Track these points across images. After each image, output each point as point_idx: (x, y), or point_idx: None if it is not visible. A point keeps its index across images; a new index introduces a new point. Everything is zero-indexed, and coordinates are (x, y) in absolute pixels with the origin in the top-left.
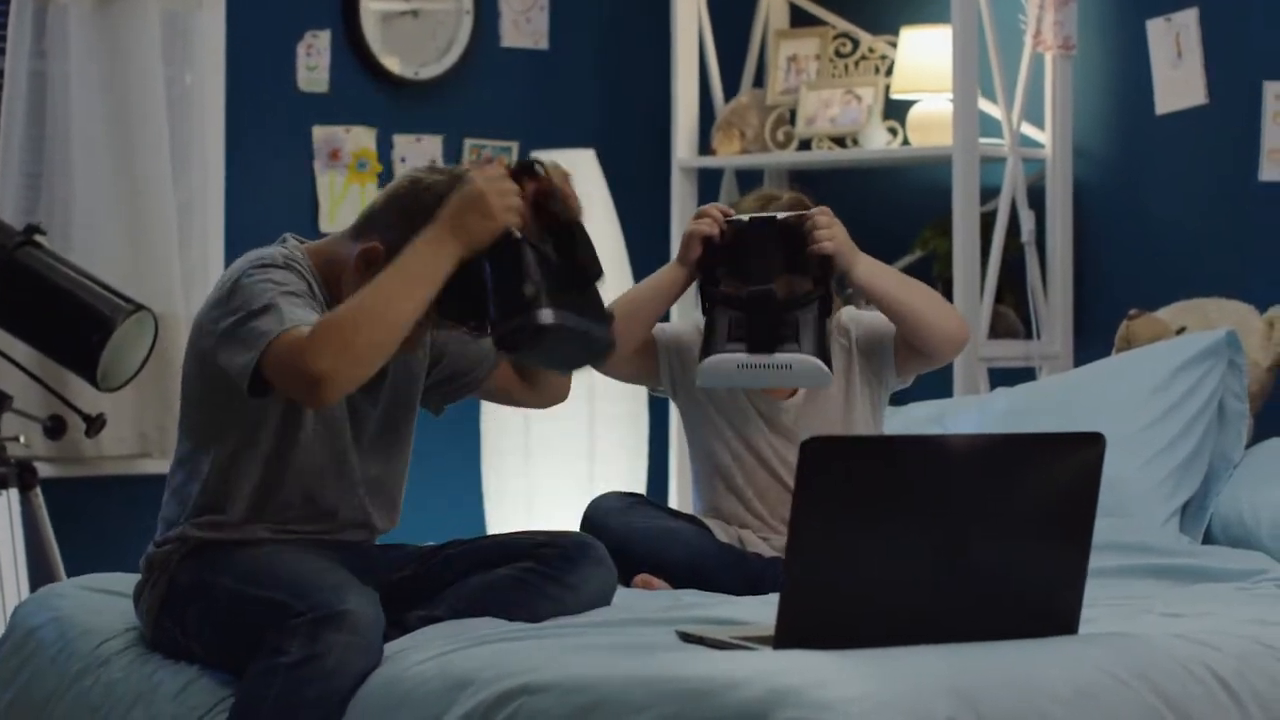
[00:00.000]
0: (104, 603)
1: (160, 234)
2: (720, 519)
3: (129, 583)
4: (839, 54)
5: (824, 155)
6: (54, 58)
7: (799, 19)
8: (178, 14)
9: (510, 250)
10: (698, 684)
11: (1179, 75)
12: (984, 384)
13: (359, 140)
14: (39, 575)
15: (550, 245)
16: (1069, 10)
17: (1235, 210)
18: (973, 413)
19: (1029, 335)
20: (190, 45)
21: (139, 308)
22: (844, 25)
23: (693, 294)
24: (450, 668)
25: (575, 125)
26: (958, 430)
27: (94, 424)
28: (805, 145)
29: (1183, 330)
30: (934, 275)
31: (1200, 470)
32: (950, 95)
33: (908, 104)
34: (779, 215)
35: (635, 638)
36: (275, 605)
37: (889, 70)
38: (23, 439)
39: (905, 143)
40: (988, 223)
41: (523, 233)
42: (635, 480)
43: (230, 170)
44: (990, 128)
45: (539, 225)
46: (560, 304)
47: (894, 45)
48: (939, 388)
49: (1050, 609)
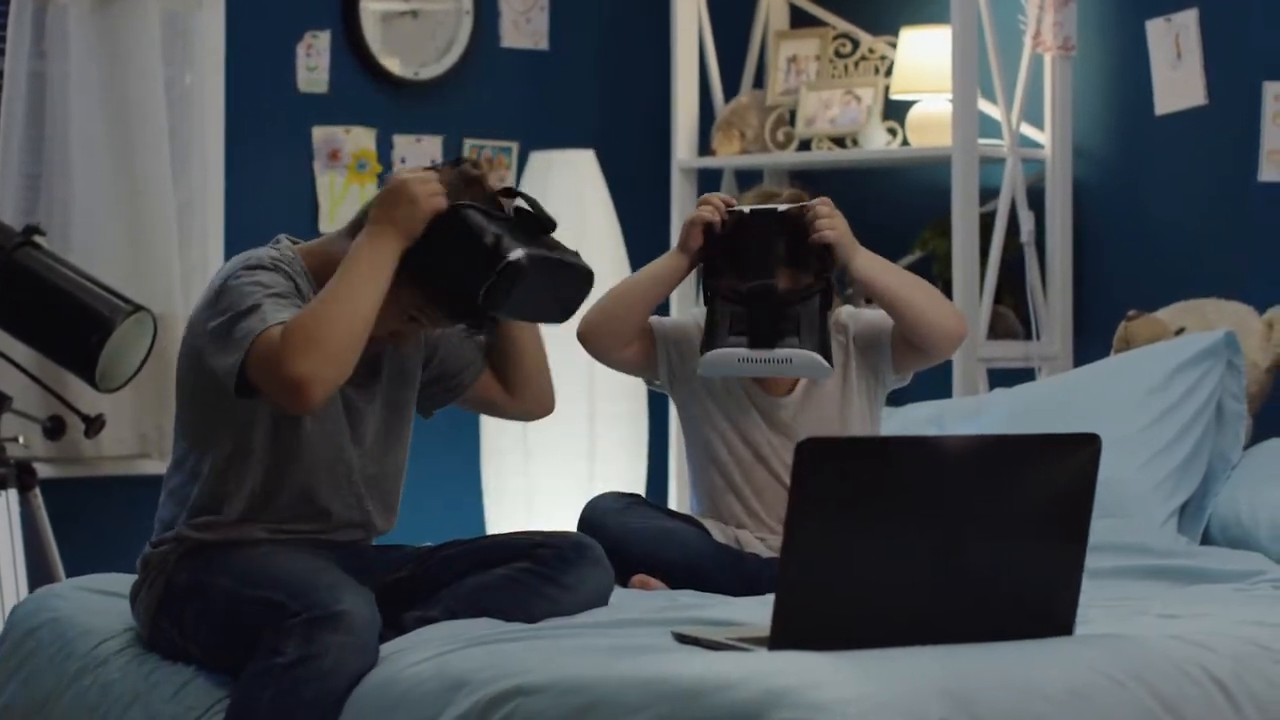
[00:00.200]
0: (102, 603)
1: (160, 234)
2: (717, 519)
3: (127, 583)
4: (839, 54)
5: (824, 156)
6: (53, 58)
7: (799, 19)
8: (177, 14)
9: (453, 222)
10: (692, 685)
11: (1178, 76)
12: (983, 384)
13: (359, 141)
14: (38, 576)
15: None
16: (1068, 11)
17: (1235, 211)
18: (971, 414)
19: (1028, 336)
20: (190, 45)
21: (138, 308)
22: (844, 26)
23: (692, 287)
24: (446, 668)
25: (575, 125)
26: (956, 431)
27: (93, 424)
28: (805, 146)
29: (1181, 331)
30: (933, 275)
31: (1199, 471)
32: (950, 96)
33: (907, 104)
34: (780, 206)
35: (631, 638)
36: (271, 606)
37: (889, 71)
38: (22, 439)
39: (905, 143)
40: (987, 223)
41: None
42: (635, 480)
43: (230, 170)
44: (990, 128)
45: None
46: (526, 244)
47: (894, 46)
48: (938, 388)
49: (1046, 610)
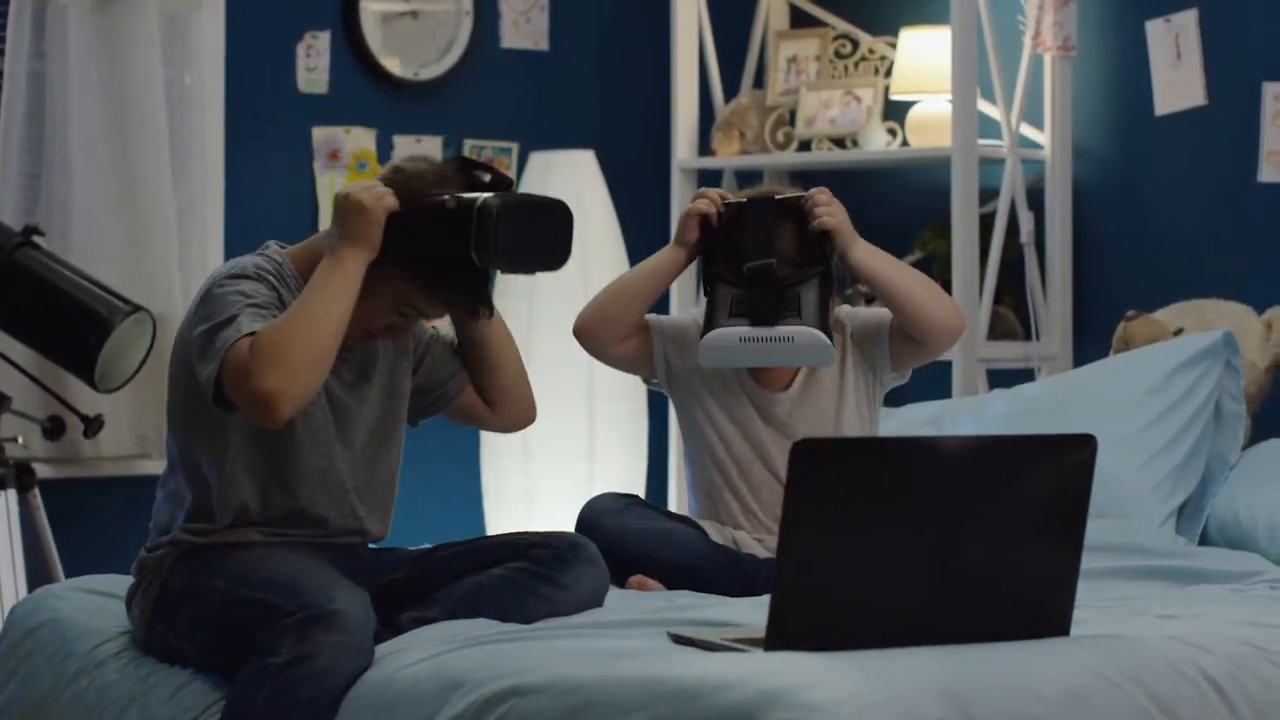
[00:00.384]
0: (100, 604)
1: (160, 235)
2: (715, 519)
3: (125, 584)
4: (839, 55)
5: (823, 156)
6: (53, 58)
7: (799, 20)
8: (177, 14)
9: (412, 215)
10: (688, 686)
11: (1178, 76)
12: (983, 385)
13: (359, 141)
14: (37, 576)
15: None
16: (1068, 11)
17: (1234, 212)
18: (969, 414)
19: (1028, 336)
20: (190, 46)
21: (137, 309)
22: (844, 26)
23: (693, 290)
24: (442, 669)
25: (575, 126)
26: (955, 431)
27: (92, 425)
28: (805, 146)
29: (1180, 331)
30: (933, 276)
31: (1197, 471)
32: (949, 96)
33: (907, 105)
34: (778, 195)
35: (627, 639)
36: (266, 607)
37: (888, 71)
38: (21, 440)
39: (904, 144)
40: (987, 224)
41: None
42: (634, 481)
43: (230, 171)
44: (989, 129)
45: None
46: (497, 195)
47: (893, 46)
48: (938, 389)
49: (1042, 610)
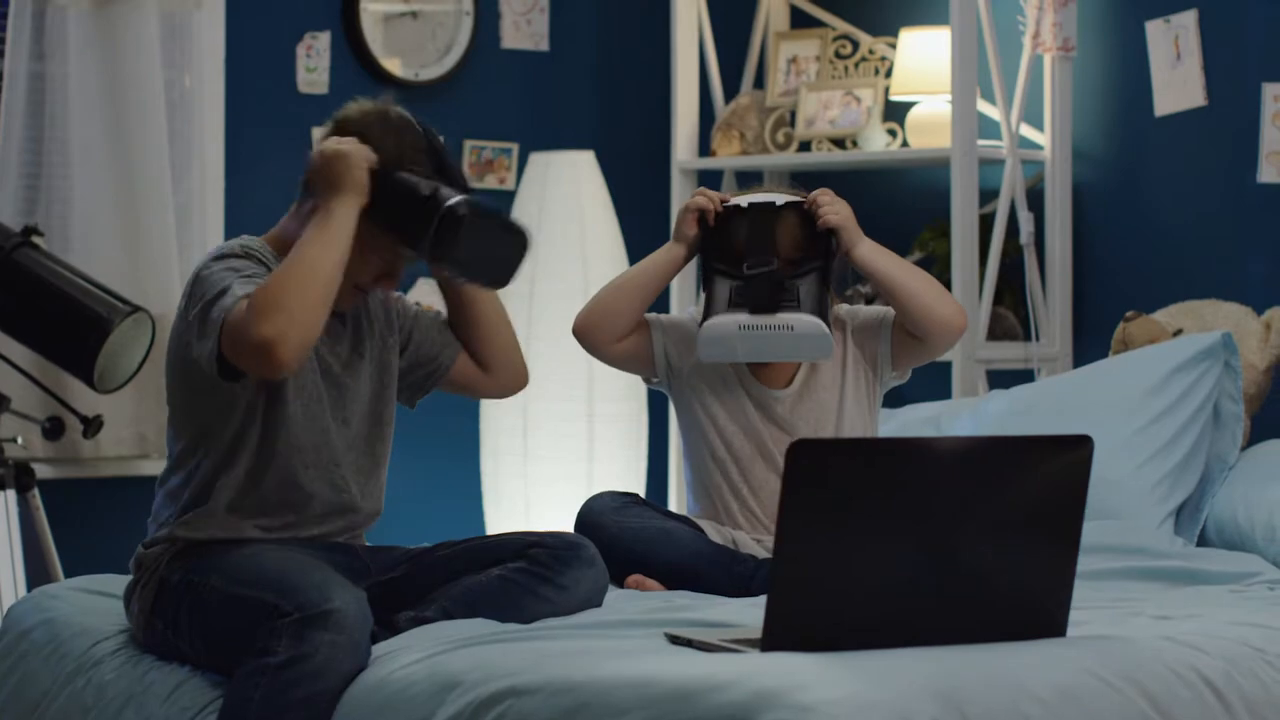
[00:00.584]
0: (97, 604)
1: (159, 235)
2: (714, 519)
3: (122, 584)
4: (839, 55)
5: (823, 157)
6: (53, 59)
7: (799, 20)
8: (177, 15)
9: (386, 184)
10: (683, 686)
11: (1178, 77)
12: (983, 386)
13: None
14: (37, 576)
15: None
16: (1068, 12)
17: (1234, 212)
18: (968, 414)
19: (1028, 337)
20: (190, 46)
21: (136, 309)
22: (844, 27)
23: (693, 288)
24: (438, 669)
25: (575, 127)
26: (953, 432)
27: (92, 425)
28: (805, 147)
29: (1179, 332)
30: (933, 276)
31: (1195, 472)
32: (949, 97)
33: (907, 106)
34: (779, 199)
35: (623, 640)
36: (263, 605)
37: (888, 72)
38: (20, 440)
39: (904, 144)
40: (986, 225)
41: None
42: (634, 481)
43: (230, 171)
44: (989, 129)
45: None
46: (463, 195)
47: (893, 47)
48: (938, 390)
49: (1038, 611)
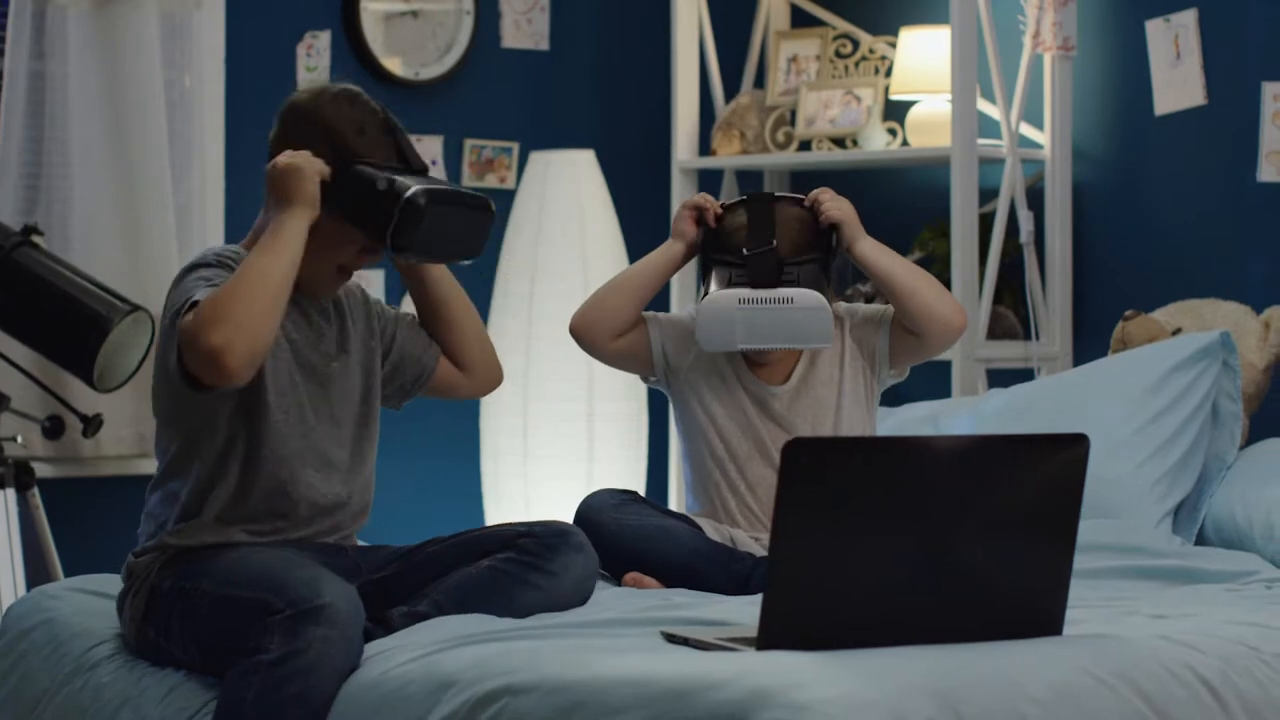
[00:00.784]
0: (96, 605)
1: (160, 234)
2: (713, 517)
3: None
4: (839, 55)
5: (824, 156)
6: (53, 58)
7: (799, 20)
8: (177, 15)
9: (344, 179)
10: (679, 685)
11: (1178, 76)
12: (982, 385)
13: None
14: (36, 575)
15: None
16: (1068, 11)
17: (1234, 211)
18: (966, 413)
19: (1028, 336)
20: (190, 46)
21: (135, 308)
22: (844, 26)
23: (693, 286)
24: (433, 669)
25: (575, 126)
26: (951, 430)
27: (91, 424)
28: (805, 146)
29: (1178, 331)
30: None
31: (1194, 471)
32: (949, 96)
33: (907, 105)
34: (778, 194)
35: (619, 638)
36: (255, 604)
37: (889, 71)
38: (20, 439)
39: (904, 144)
40: (986, 224)
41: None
42: (634, 480)
43: (230, 171)
44: (989, 129)
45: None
46: (420, 182)
47: (893, 46)
48: (937, 388)
49: (1034, 610)
